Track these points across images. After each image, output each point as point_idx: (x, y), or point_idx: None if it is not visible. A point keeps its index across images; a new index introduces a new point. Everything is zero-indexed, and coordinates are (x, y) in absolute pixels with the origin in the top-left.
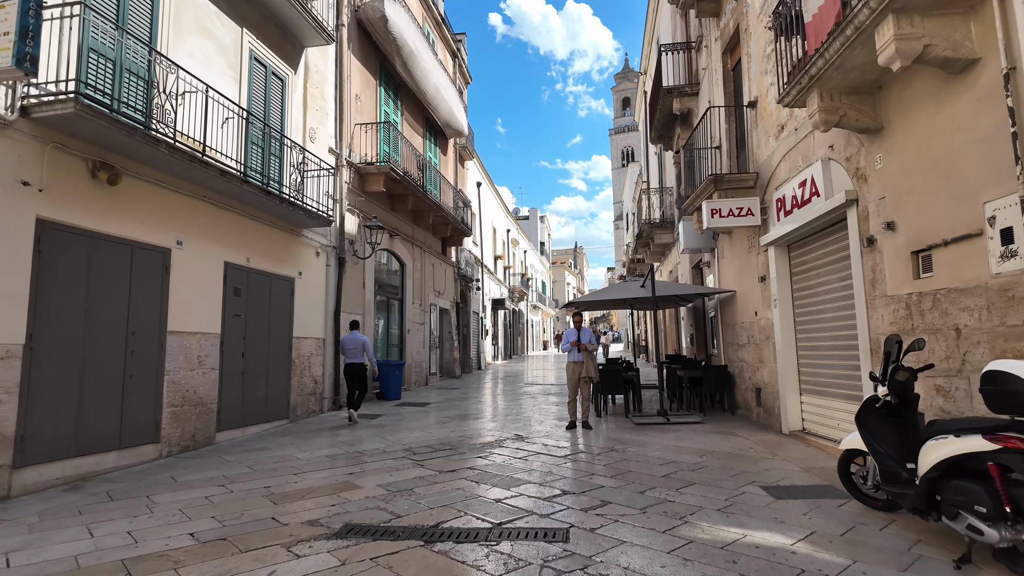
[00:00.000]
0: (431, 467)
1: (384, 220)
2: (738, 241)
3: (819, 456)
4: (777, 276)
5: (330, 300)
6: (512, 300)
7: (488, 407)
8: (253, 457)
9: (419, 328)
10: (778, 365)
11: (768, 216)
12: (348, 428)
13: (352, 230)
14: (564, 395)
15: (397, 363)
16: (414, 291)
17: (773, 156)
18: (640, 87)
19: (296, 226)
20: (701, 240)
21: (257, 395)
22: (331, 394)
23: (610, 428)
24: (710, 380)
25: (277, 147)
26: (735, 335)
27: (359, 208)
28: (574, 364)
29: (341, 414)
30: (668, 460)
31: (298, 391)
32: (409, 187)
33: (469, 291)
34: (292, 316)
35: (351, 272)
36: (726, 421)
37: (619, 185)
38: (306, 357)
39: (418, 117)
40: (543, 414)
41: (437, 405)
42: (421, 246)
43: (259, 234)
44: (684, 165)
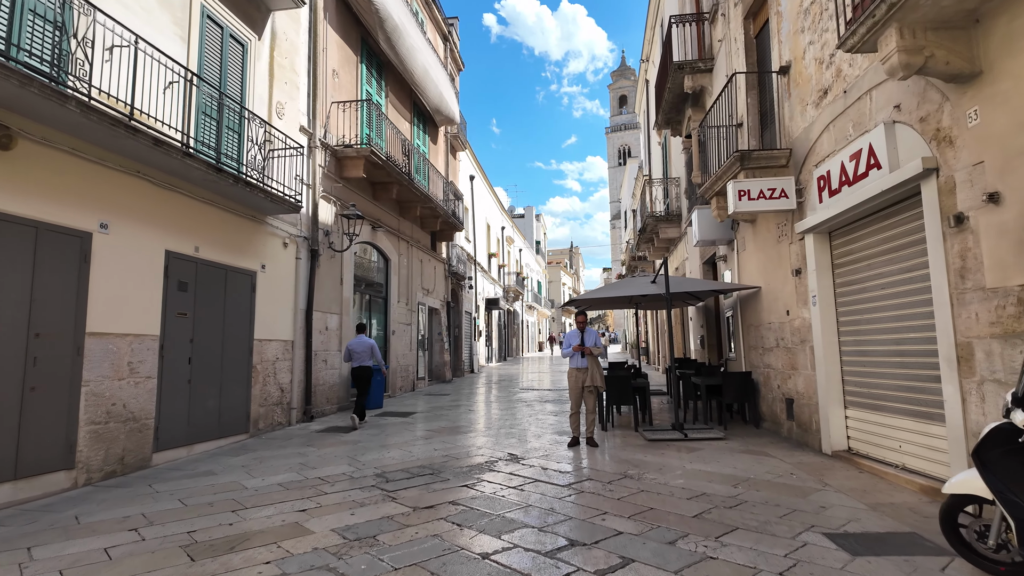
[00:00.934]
0: (405, 501)
1: (365, 210)
2: (764, 230)
3: (881, 487)
4: (817, 269)
5: (300, 297)
6: (507, 300)
7: (480, 417)
8: (190, 486)
9: (405, 329)
10: (817, 373)
11: (805, 198)
12: (324, 444)
13: (327, 219)
14: (562, 403)
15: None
16: (399, 289)
17: (812, 127)
18: (642, 76)
19: (258, 212)
20: (718, 230)
21: (208, 407)
22: (301, 404)
23: (618, 446)
24: (731, 389)
25: (235, 121)
26: (760, 337)
27: (336, 195)
28: (576, 371)
29: (312, 427)
30: (696, 491)
31: (260, 401)
32: (393, 174)
33: (461, 290)
34: (253, 315)
35: (326, 266)
36: (752, 437)
37: (616, 184)
38: (270, 362)
39: (405, 101)
40: (541, 426)
41: (423, 415)
42: (408, 240)
43: (212, 220)
44: (697, 149)
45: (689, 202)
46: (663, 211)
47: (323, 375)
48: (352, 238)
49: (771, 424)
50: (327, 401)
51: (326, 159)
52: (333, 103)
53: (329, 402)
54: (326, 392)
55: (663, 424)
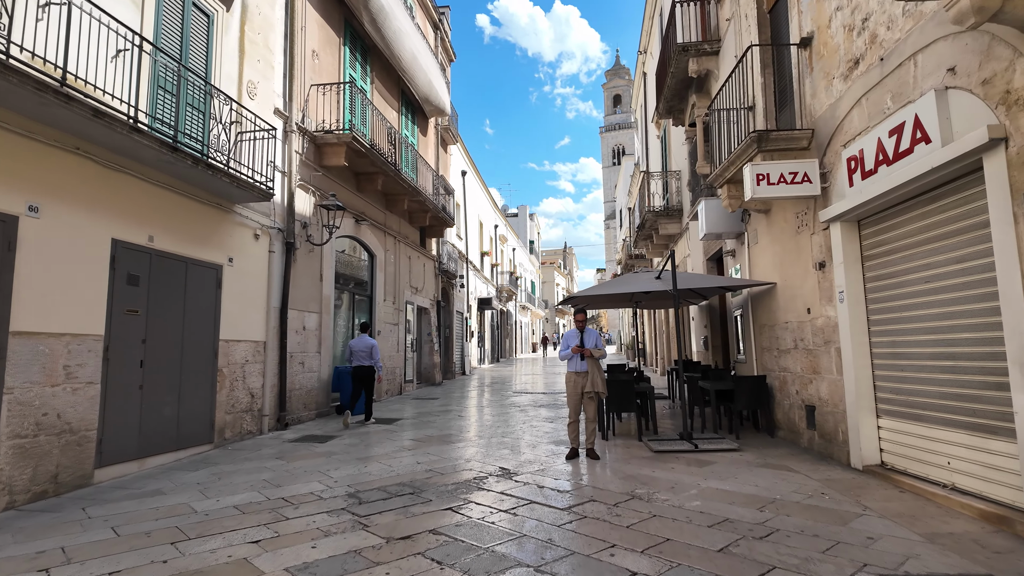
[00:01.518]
0: (378, 529)
1: (348, 202)
2: (780, 220)
3: (930, 511)
4: (844, 261)
5: (274, 294)
6: (500, 300)
7: (470, 424)
8: (131, 510)
9: (392, 329)
10: (844, 377)
11: (830, 183)
12: (296, 456)
13: (305, 210)
14: (558, 407)
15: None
16: (386, 286)
17: (840, 103)
18: (639, 70)
19: (225, 199)
20: (727, 222)
21: (164, 415)
22: (274, 410)
23: (622, 458)
24: (743, 395)
25: (199, 98)
26: (774, 338)
27: (315, 185)
28: (575, 375)
29: (286, 435)
30: (718, 517)
31: (227, 408)
32: (378, 163)
33: (452, 288)
34: (218, 313)
35: (304, 261)
36: (768, 447)
37: (610, 184)
38: (239, 365)
39: (392, 89)
40: (536, 434)
41: (409, 421)
42: (395, 235)
43: (170, 206)
44: (702, 137)
45: (693, 195)
46: (662, 206)
47: (300, 379)
48: (332, 231)
49: (788, 433)
50: (304, 407)
51: (304, 145)
52: (313, 86)
53: (307, 408)
54: (303, 397)
55: (669, 433)
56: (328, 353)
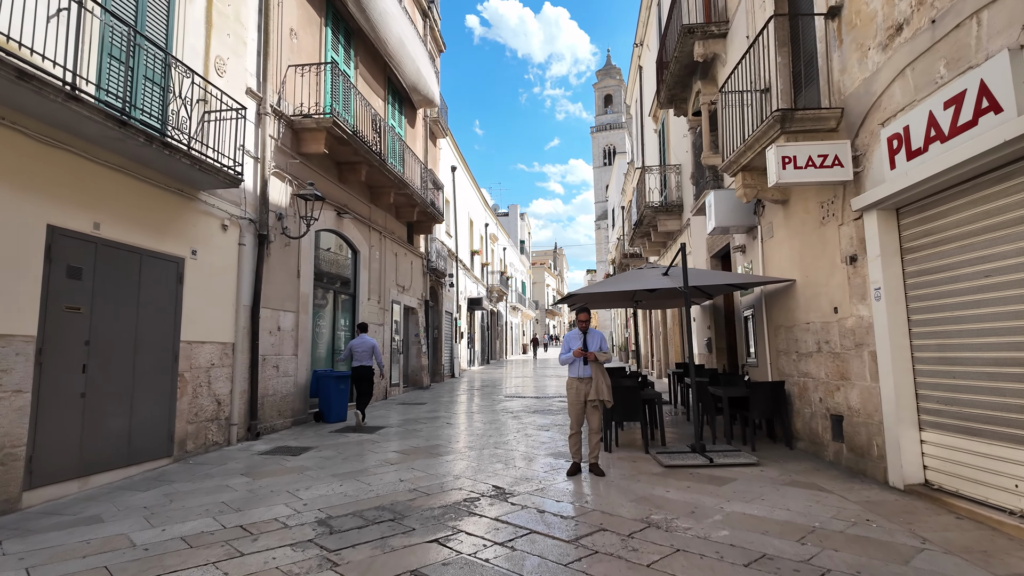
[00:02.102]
0: (349, 570)
1: (330, 193)
2: (801, 211)
3: (1001, 544)
4: (882, 254)
5: (244, 291)
6: (490, 300)
7: (460, 432)
8: (58, 543)
9: (377, 330)
10: (881, 384)
11: (865, 167)
12: (264, 471)
13: (281, 200)
14: (553, 413)
15: (342, 374)
16: (370, 284)
17: (877, 76)
18: (634, 63)
19: (187, 185)
20: (739, 215)
21: (112, 427)
22: (243, 418)
23: (630, 474)
24: (760, 402)
25: (157, 71)
26: (793, 341)
27: (292, 174)
28: (578, 382)
29: (256, 446)
30: (753, 551)
31: (189, 417)
32: (361, 151)
33: (441, 288)
34: (179, 312)
35: (279, 256)
36: (788, 461)
37: (601, 184)
38: (203, 369)
39: (378, 76)
40: (531, 445)
41: (393, 430)
42: (380, 230)
43: (122, 190)
44: (708, 126)
45: (697, 188)
46: (660, 202)
47: (274, 384)
48: (310, 223)
49: (809, 445)
50: (279, 414)
51: (280, 130)
52: (290, 67)
53: (281, 415)
54: (277, 404)
55: (678, 444)
56: (306, 356)
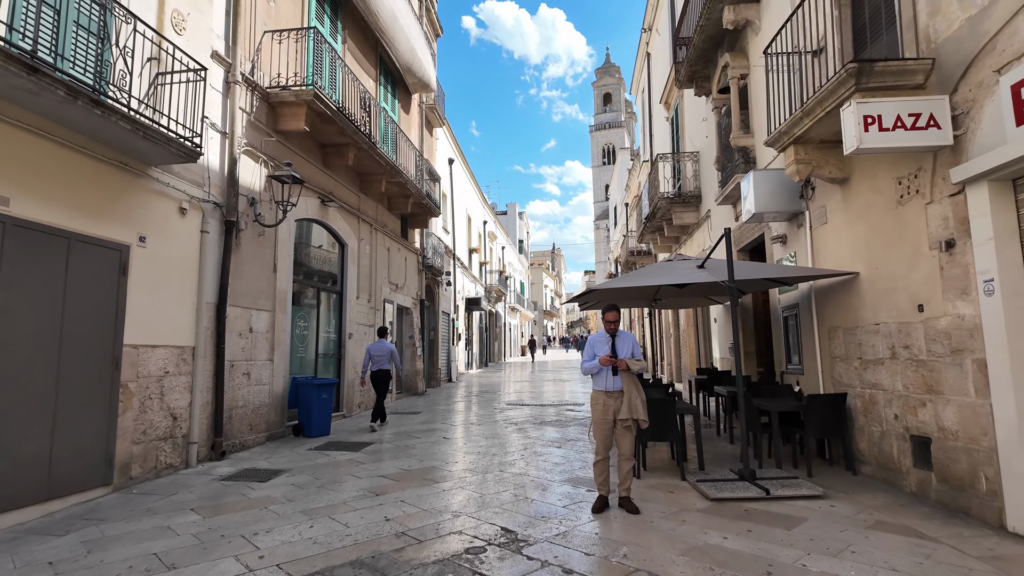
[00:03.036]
0: None
1: (313, 179)
2: (866, 190)
3: None
4: (995, 238)
5: (207, 286)
6: (489, 300)
7: (458, 449)
8: None
9: (367, 331)
10: (994, 401)
11: (968, 128)
12: (221, 505)
13: (254, 183)
14: (562, 424)
15: (325, 382)
16: (359, 281)
17: (991, 11)
18: (642, 50)
19: (135, 158)
20: (781, 198)
21: (24, 453)
22: (206, 435)
23: (670, 511)
24: (816, 418)
25: (95, 19)
26: (855, 345)
27: (268, 153)
28: (605, 397)
29: (220, 469)
30: None
31: (134, 436)
32: (348, 131)
33: (438, 286)
34: (122, 310)
35: (252, 247)
36: (859, 491)
37: (600, 184)
38: (155, 378)
39: (368, 53)
40: (543, 467)
41: (382, 446)
42: (370, 222)
43: (43, 159)
44: (738, 103)
45: (723, 173)
46: (675, 192)
47: (244, 394)
48: (286, 209)
49: (878, 470)
50: (250, 429)
51: (253, 103)
52: (266, 32)
53: (254, 430)
54: (248, 417)
55: (717, 467)
56: (283, 361)
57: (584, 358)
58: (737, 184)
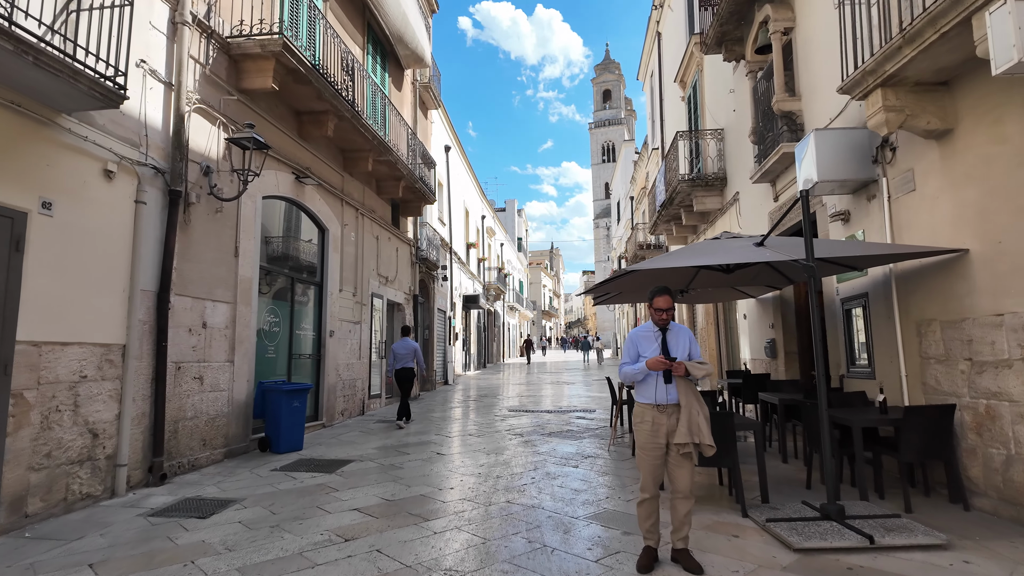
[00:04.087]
0: None
1: (287, 151)
2: (981, 142)
3: None
4: None
5: (144, 269)
6: (487, 298)
7: (455, 471)
8: None
9: (352, 329)
10: None
11: None
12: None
13: (209, 149)
14: (573, 436)
15: (297, 387)
16: (343, 272)
17: None
18: (652, 30)
19: (36, 100)
20: (850, 164)
21: None
22: (140, 456)
23: (742, 567)
24: (915, 437)
25: None
26: (962, 342)
27: (228, 115)
28: (655, 413)
29: (156, 499)
30: None
31: (33, 460)
32: (327, 95)
33: (433, 281)
34: (14, 296)
35: (206, 225)
36: (988, 535)
37: (600, 181)
38: (66, 385)
39: (355, 17)
40: (561, 495)
41: (362, 467)
42: (356, 206)
43: None
44: (782, 61)
45: (761, 146)
46: (695, 174)
47: (196, 402)
48: (247, 179)
49: (1001, 505)
50: (203, 444)
51: (209, 53)
52: None
53: (208, 445)
54: (201, 430)
55: (783, 496)
56: (247, 362)
57: (624, 359)
58: (781, 155)
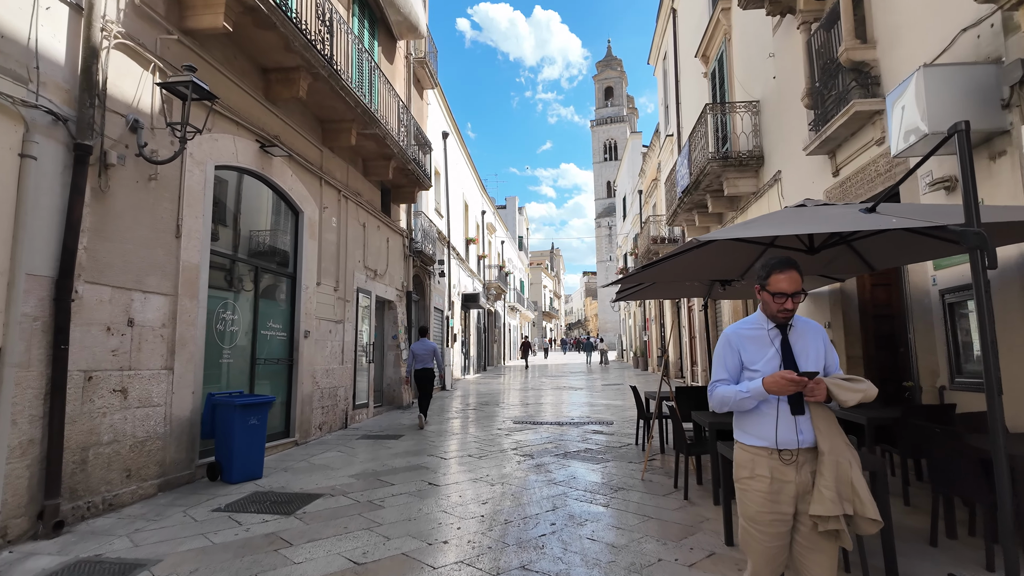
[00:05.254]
0: None
1: (248, 113)
2: None
3: None
4: None
5: (33, 246)
6: (488, 298)
7: (449, 515)
8: None
9: (333, 329)
10: None
11: None
12: None
13: (138, 99)
14: (594, 457)
15: (253, 400)
16: (322, 263)
17: None
18: (666, 7)
19: None
20: (971, 111)
21: None
22: (29, 498)
23: None
24: None
25: None
26: None
27: (167, 59)
28: (777, 463)
29: (35, 560)
30: None
31: None
32: (297, 45)
33: (429, 277)
34: None
35: (133, 195)
36: None
37: (602, 180)
38: None
39: None
40: (597, 560)
41: (332, 503)
42: (339, 188)
43: None
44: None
45: (816, 112)
46: (723, 153)
47: (117, 422)
48: (184, 136)
49: None
50: (127, 477)
51: None
52: None
53: (135, 477)
54: (125, 458)
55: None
56: (193, 370)
57: (716, 374)
58: (852, 115)
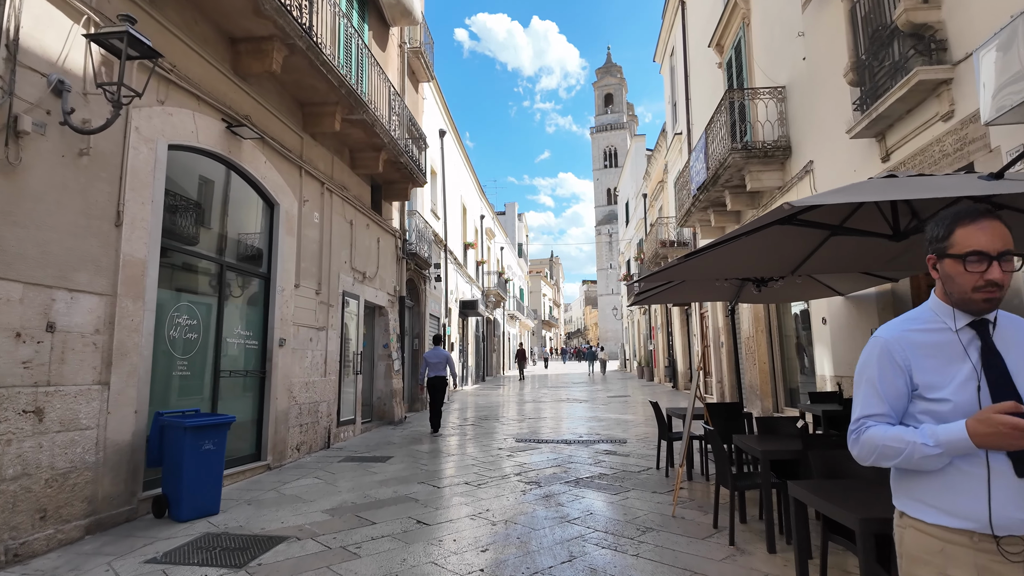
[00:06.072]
0: None
1: (211, 87)
2: None
3: None
4: None
5: None
6: (486, 305)
7: (440, 570)
8: None
9: (314, 336)
10: None
11: None
12: None
13: (65, 56)
14: (612, 486)
15: (208, 421)
16: (301, 262)
17: None
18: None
19: None
20: None
21: None
22: None
23: None
24: None
25: None
26: None
27: (103, 14)
28: (988, 558)
29: None
30: None
31: None
32: (267, 7)
33: (424, 282)
34: None
35: (58, 172)
36: None
37: (601, 187)
38: None
39: None
40: None
41: (296, 549)
42: (321, 179)
43: None
44: None
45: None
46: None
47: (28, 451)
48: (119, 100)
49: None
50: (42, 519)
51: None
52: None
53: (53, 519)
54: (41, 495)
55: None
56: (135, 384)
57: (865, 407)
58: (914, 85)
